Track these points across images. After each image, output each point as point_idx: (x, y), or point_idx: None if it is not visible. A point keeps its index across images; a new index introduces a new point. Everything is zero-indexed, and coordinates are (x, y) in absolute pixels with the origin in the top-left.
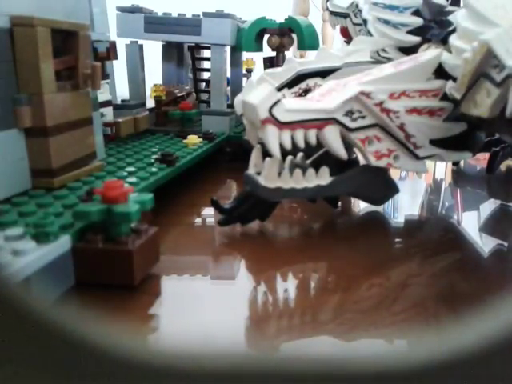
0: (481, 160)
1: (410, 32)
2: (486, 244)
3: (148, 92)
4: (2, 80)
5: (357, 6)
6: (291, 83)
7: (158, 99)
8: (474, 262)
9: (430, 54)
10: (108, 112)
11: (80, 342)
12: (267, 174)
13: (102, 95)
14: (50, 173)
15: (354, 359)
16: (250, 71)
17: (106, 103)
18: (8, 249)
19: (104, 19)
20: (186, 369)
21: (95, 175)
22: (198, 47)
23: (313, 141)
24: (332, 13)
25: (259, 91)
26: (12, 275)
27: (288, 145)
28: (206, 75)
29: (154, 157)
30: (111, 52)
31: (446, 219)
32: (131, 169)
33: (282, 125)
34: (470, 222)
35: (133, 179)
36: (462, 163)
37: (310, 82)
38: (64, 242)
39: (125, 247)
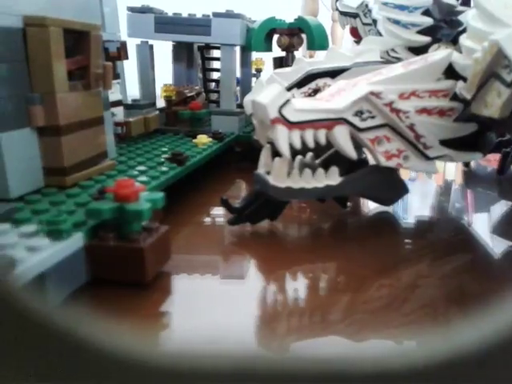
0: (492, 161)
1: (420, 32)
2: (496, 246)
3: (158, 92)
4: (16, 79)
5: (366, 5)
6: (301, 83)
7: (168, 99)
8: (484, 264)
9: (439, 54)
10: (119, 111)
11: (90, 340)
12: (277, 174)
13: (113, 95)
14: (63, 171)
15: (363, 360)
16: (259, 71)
17: (117, 103)
18: (23, 245)
19: (115, 19)
20: (195, 368)
21: (106, 174)
22: (208, 47)
23: (322, 141)
24: (342, 13)
25: (269, 91)
26: (25, 271)
27: (297, 144)
28: (215, 75)
29: (164, 156)
30: (122, 52)
31: (456, 220)
32: (142, 168)
33: (291, 125)
34: (481, 224)
35: (143, 178)
36: (472, 164)
37: (320, 81)
38: (77, 240)
39: (136, 245)
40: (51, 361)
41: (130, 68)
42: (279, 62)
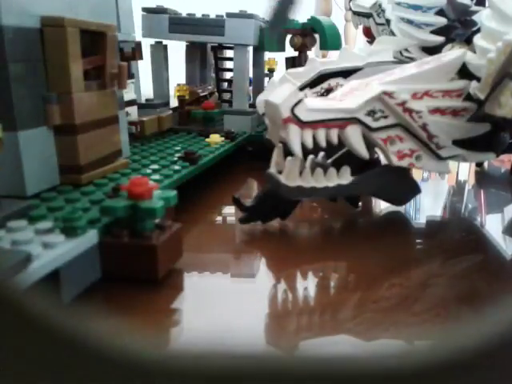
0: (505, 161)
1: (434, 32)
2: (509, 246)
3: (172, 91)
4: (33, 79)
5: (380, 5)
6: (313, 83)
7: (181, 99)
8: (496, 264)
9: (453, 54)
10: (133, 111)
11: (95, 339)
12: (288, 173)
13: (128, 94)
14: (78, 169)
15: (372, 359)
16: (272, 71)
17: (131, 102)
18: (38, 241)
19: (130, 20)
20: (202, 368)
21: (121, 172)
22: (221, 47)
23: (334, 140)
24: (355, 13)
25: (281, 91)
26: (41, 267)
27: (310, 144)
28: (228, 75)
29: (177, 155)
30: (137, 52)
31: (468, 221)
32: (155, 166)
33: (303, 124)
34: (494, 225)
35: (157, 177)
36: (485, 164)
37: (332, 81)
38: (91, 237)
39: (149, 242)
40: (52, 361)
41: (144, 68)
42: (292, 62)
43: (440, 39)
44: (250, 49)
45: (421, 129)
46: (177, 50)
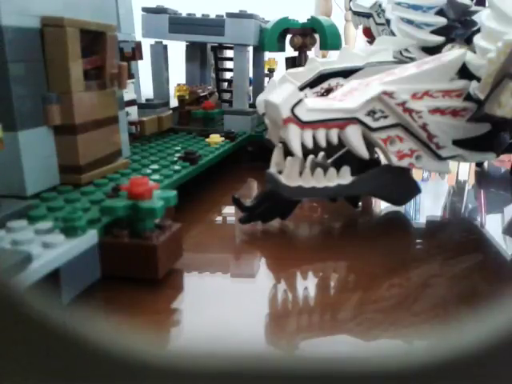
0: (505, 161)
1: (434, 32)
2: (509, 246)
3: (172, 91)
4: (33, 79)
5: (380, 5)
6: (313, 83)
7: (181, 98)
8: (496, 264)
9: (453, 54)
10: (133, 111)
11: (94, 339)
12: (288, 173)
13: (128, 94)
14: (78, 169)
15: (372, 359)
16: (272, 71)
17: (131, 102)
18: (38, 241)
19: (130, 20)
20: (201, 367)
21: (120, 172)
22: (221, 47)
23: (334, 140)
24: (355, 13)
25: (281, 91)
26: (41, 267)
27: (310, 144)
28: (228, 75)
29: (178, 155)
30: (137, 52)
31: (468, 221)
32: (155, 166)
33: (303, 124)
34: (493, 225)
35: (157, 176)
36: (485, 164)
37: (332, 81)
38: (91, 236)
39: (149, 242)
40: (52, 361)
41: (144, 68)
42: (292, 62)
43: (440, 39)
44: (250, 49)
45: (421, 129)
46: (177, 50)
